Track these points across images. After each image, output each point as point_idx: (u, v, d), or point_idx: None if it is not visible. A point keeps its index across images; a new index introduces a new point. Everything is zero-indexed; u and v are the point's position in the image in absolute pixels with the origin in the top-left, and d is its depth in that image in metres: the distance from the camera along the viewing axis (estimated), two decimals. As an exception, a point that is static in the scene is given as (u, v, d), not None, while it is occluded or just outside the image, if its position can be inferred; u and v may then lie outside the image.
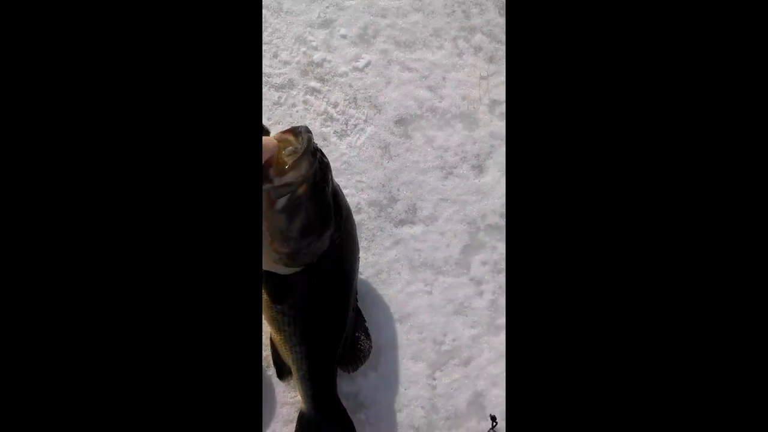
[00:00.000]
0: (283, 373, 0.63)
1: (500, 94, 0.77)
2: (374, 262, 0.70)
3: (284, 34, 0.73)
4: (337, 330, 0.59)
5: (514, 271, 0.31)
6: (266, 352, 0.65)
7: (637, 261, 0.29)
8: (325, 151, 0.70)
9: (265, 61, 0.73)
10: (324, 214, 0.50)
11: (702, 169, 0.29)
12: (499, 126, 0.75)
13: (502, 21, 0.78)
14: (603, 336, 0.30)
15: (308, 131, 0.48)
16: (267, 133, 0.48)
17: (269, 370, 0.65)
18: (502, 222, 0.74)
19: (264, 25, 0.73)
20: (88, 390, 0.28)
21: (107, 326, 0.28)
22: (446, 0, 0.78)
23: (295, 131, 0.48)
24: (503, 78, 0.77)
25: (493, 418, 0.67)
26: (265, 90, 0.72)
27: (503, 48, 0.78)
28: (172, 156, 0.29)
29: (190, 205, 0.29)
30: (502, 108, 0.76)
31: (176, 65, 0.29)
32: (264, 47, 0.73)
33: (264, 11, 0.74)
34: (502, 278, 0.73)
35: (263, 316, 0.56)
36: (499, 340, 0.72)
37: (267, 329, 0.61)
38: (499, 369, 0.71)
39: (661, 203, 0.29)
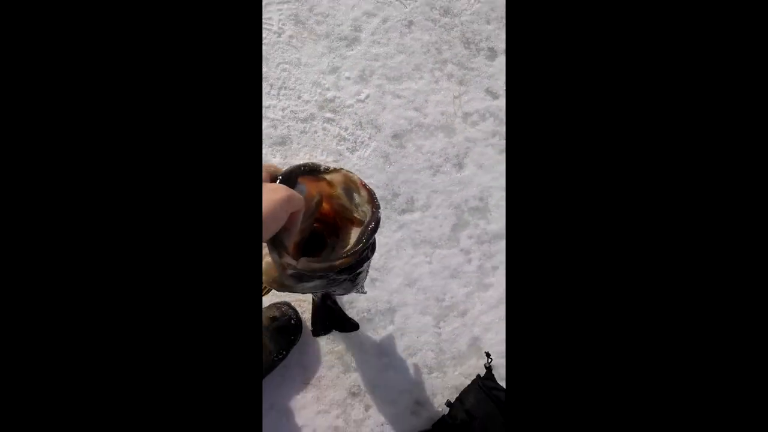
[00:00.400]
0: (318, 332, 0.80)
1: (470, 108, 0.99)
2: (385, 243, 0.91)
3: (304, 80, 0.98)
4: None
5: (513, 240, 0.31)
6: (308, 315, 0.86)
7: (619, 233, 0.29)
8: (340, 163, 0.92)
9: (291, 102, 0.97)
10: (332, 284, 0.45)
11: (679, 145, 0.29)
12: (471, 132, 0.97)
13: (467, 52, 1.01)
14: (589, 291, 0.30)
15: (376, 228, 0.40)
16: (319, 171, 0.42)
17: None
18: (482, 204, 0.95)
19: (288, 75, 0.98)
20: (102, 387, 0.27)
21: (114, 324, 0.27)
22: (422, 42, 1.01)
23: (373, 198, 0.41)
24: (471, 96, 0.99)
25: (488, 355, 0.86)
26: (293, 123, 0.96)
27: (469, 73, 1.00)
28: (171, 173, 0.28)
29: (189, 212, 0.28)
30: (473, 118, 0.98)
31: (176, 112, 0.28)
32: (289, 92, 0.97)
33: (288, 65, 0.98)
34: (485, 247, 0.93)
35: None
36: (488, 295, 0.91)
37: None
38: (490, 318, 0.91)
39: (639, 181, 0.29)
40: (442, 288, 0.90)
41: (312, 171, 0.41)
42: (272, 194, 0.35)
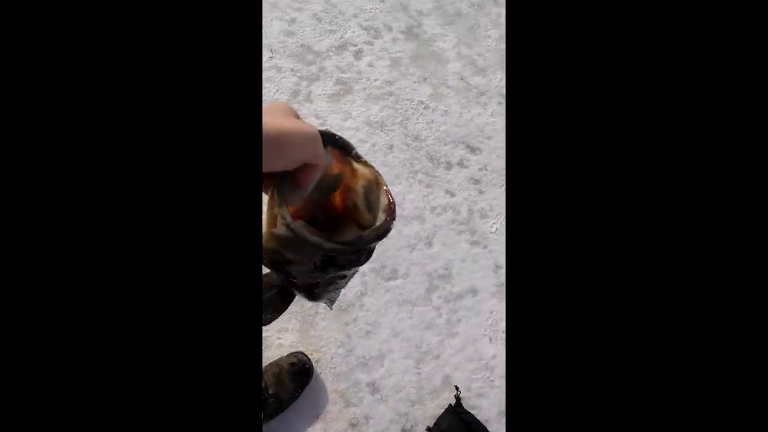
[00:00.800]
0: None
1: (435, 203, 1.37)
2: (376, 303, 1.21)
3: (316, 187, 1.36)
4: None
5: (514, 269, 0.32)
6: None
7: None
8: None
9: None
10: (307, 274, 0.38)
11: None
12: (437, 220, 1.34)
13: (431, 165, 1.42)
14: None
15: (383, 236, 0.35)
16: (350, 154, 0.38)
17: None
18: (447, 272, 1.27)
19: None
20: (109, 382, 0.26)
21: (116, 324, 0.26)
22: (400, 159, 1.43)
23: (392, 207, 0.37)
24: (435, 195, 1.37)
25: (457, 388, 1.11)
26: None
27: (434, 179, 1.40)
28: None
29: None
30: (437, 210, 1.35)
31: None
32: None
33: (304, 177, 1.38)
34: (451, 305, 1.23)
35: None
36: (455, 341, 1.19)
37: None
38: (458, 359, 1.17)
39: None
40: (420, 337, 1.18)
41: (344, 148, 0.37)
42: (305, 126, 0.30)
